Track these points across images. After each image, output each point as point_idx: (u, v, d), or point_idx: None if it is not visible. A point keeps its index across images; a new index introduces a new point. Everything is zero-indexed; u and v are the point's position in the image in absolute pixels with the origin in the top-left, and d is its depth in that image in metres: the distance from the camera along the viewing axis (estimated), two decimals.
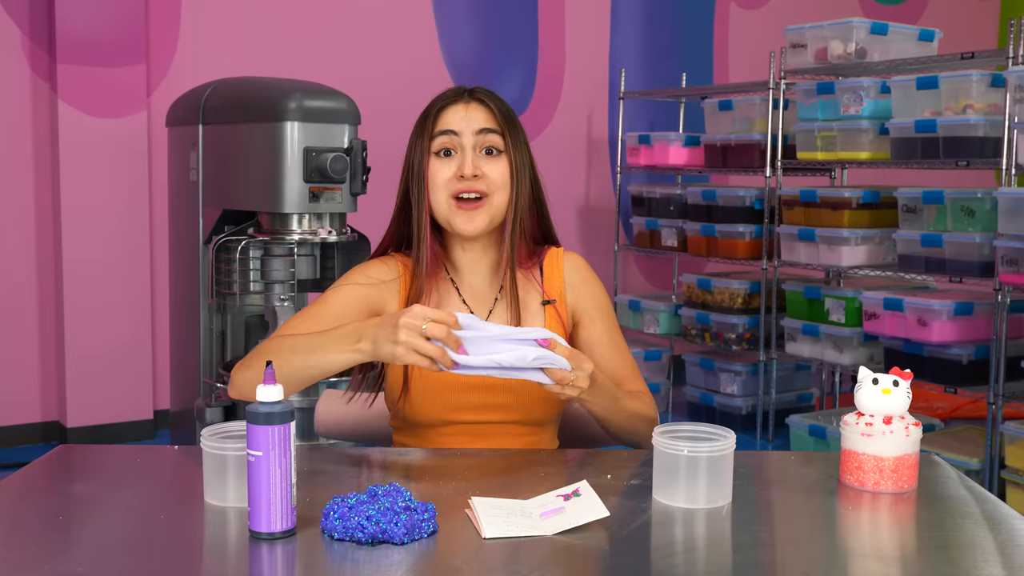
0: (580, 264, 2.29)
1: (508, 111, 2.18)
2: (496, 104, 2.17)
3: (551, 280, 2.24)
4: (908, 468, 1.83)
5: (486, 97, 2.18)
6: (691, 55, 7.22)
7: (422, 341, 1.78)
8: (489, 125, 2.14)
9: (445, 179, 2.13)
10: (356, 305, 2.14)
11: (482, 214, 2.13)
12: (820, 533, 1.69)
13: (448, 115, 2.15)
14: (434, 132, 2.14)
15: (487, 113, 2.15)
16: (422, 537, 1.56)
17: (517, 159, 2.15)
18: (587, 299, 2.26)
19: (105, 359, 5.40)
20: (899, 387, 1.83)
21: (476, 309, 2.21)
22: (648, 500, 1.76)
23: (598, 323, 2.25)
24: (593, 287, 2.27)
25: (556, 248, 2.29)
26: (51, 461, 1.97)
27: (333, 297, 2.14)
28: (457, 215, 2.13)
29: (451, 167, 2.13)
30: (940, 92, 4.76)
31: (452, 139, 2.13)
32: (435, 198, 2.14)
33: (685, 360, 6.25)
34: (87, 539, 1.59)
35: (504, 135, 2.15)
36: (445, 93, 2.20)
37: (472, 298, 2.22)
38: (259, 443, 1.55)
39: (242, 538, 1.58)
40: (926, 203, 4.82)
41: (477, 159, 2.13)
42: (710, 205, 5.95)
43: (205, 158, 4.12)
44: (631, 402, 2.13)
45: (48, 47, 5.28)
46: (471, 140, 2.13)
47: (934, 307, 4.69)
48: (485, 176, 2.12)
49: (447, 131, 2.13)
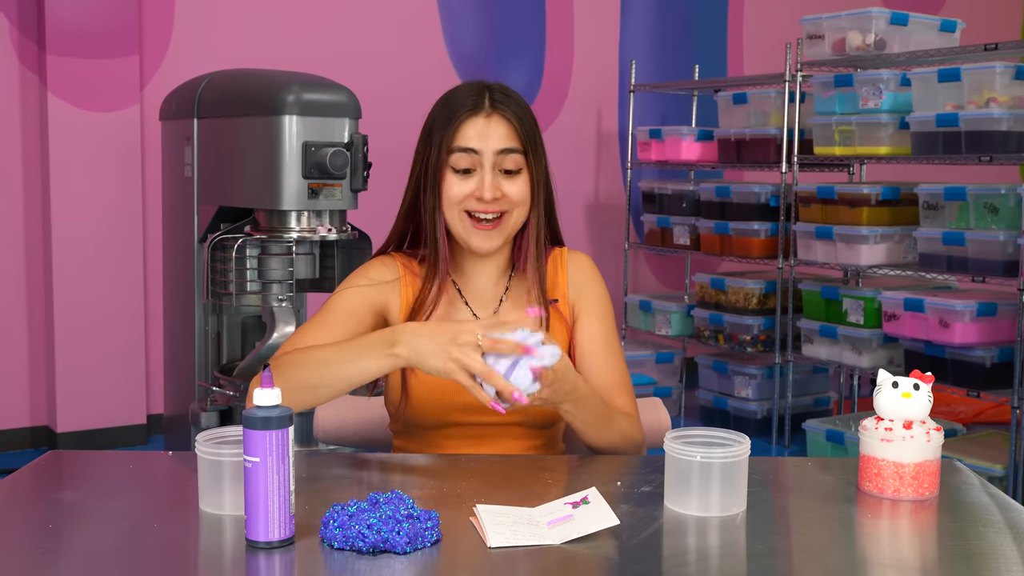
0: (585, 263, 2.30)
1: (530, 124, 2.17)
2: (518, 116, 2.15)
3: (555, 280, 2.26)
4: (929, 475, 1.83)
5: (508, 111, 2.14)
6: (704, 46, 7.22)
7: (473, 358, 1.83)
8: (511, 145, 2.13)
9: (461, 197, 2.13)
10: (363, 308, 2.16)
11: (499, 234, 2.15)
12: (838, 542, 1.69)
13: (468, 129, 2.12)
14: (452, 146, 2.12)
15: (509, 130, 2.13)
16: (425, 546, 1.56)
17: (537, 175, 2.16)
18: (588, 296, 2.27)
19: (97, 361, 5.40)
20: (920, 391, 1.82)
21: (480, 312, 2.23)
22: (659, 508, 1.76)
23: (595, 321, 2.26)
24: (595, 286, 2.28)
25: (560, 248, 2.31)
26: (40, 467, 1.97)
27: (338, 303, 2.16)
28: (474, 234, 2.15)
29: (469, 185, 2.13)
30: (962, 85, 4.76)
31: (472, 158, 2.12)
32: (449, 214, 2.15)
33: (698, 363, 6.25)
34: (77, 549, 1.59)
35: (526, 153, 2.14)
36: (464, 96, 2.16)
37: (476, 301, 2.24)
38: (256, 449, 1.55)
39: (238, 547, 1.58)
40: (948, 200, 4.81)
41: (496, 179, 2.12)
42: (724, 202, 5.94)
43: (200, 153, 4.12)
44: (619, 421, 2.13)
45: (37, 38, 5.28)
46: (491, 160, 2.12)
47: (956, 308, 4.69)
48: (504, 196, 2.13)
49: (467, 149, 2.12)
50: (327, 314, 2.14)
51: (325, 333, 2.09)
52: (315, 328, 2.11)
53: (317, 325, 2.12)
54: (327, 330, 2.10)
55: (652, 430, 2.43)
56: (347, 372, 1.93)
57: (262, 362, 3.79)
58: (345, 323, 2.12)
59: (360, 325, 2.14)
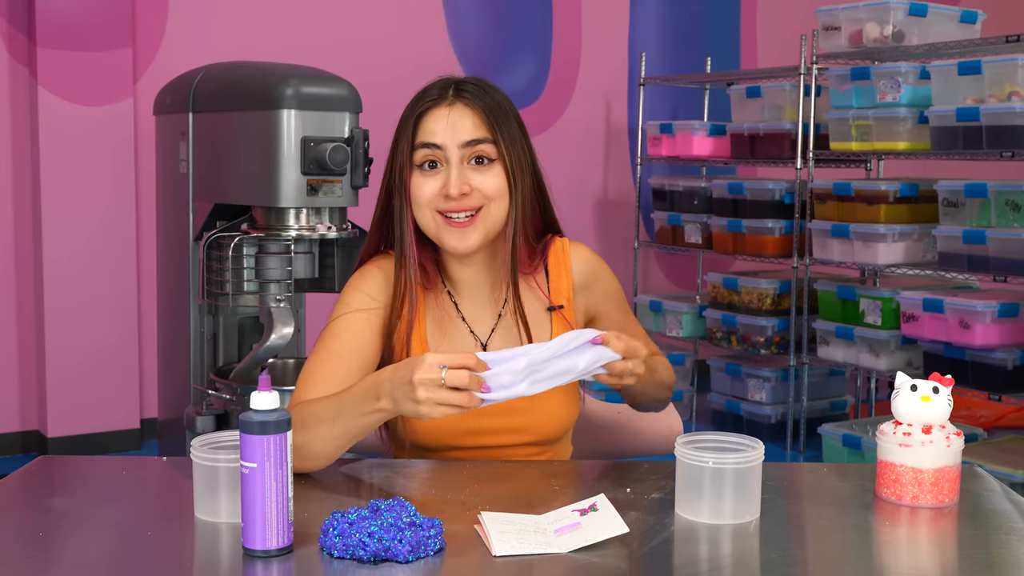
0: (588, 258, 2.25)
1: (498, 106, 2.09)
2: (483, 102, 2.07)
3: (558, 281, 2.21)
4: (949, 481, 1.83)
5: (471, 95, 2.07)
6: (716, 38, 7.22)
7: (444, 392, 1.73)
8: (476, 135, 2.05)
9: (429, 196, 2.06)
10: (370, 336, 2.10)
11: (475, 231, 2.07)
12: (855, 551, 1.69)
13: (430, 122, 2.06)
14: (415, 142, 2.06)
15: (473, 117, 2.06)
16: (428, 555, 1.56)
17: (513, 164, 2.07)
18: (600, 295, 2.25)
19: (88, 364, 5.41)
20: (939, 394, 1.82)
21: (477, 327, 2.17)
22: (670, 515, 1.76)
23: (614, 314, 2.26)
24: (604, 281, 2.26)
25: (560, 239, 2.25)
26: (30, 473, 1.97)
27: (341, 329, 2.09)
28: (447, 233, 2.07)
29: (436, 182, 2.06)
30: (983, 78, 4.75)
31: (435, 152, 2.05)
32: (420, 215, 2.08)
33: (710, 365, 6.25)
34: (68, 558, 1.59)
35: (495, 141, 2.06)
36: (428, 90, 2.10)
37: (472, 314, 2.18)
38: (253, 454, 1.55)
39: (235, 556, 1.58)
40: (968, 197, 4.81)
41: (465, 172, 2.05)
42: (737, 199, 5.94)
43: (195, 149, 4.13)
44: (661, 371, 2.15)
45: (27, 29, 5.29)
46: (457, 153, 2.05)
47: (977, 308, 4.68)
48: (475, 190, 2.05)
49: (429, 144, 2.05)
50: (331, 343, 2.07)
51: (332, 367, 2.04)
52: (322, 363, 2.05)
53: (323, 359, 2.05)
54: (334, 363, 2.04)
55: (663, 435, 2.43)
56: (339, 431, 1.88)
57: (259, 364, 3.80)
58: (353, 352, 2.06)
59: (370, 352, 2.09)
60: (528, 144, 2.13)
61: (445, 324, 2.16)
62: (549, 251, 2.23)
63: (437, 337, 2.15)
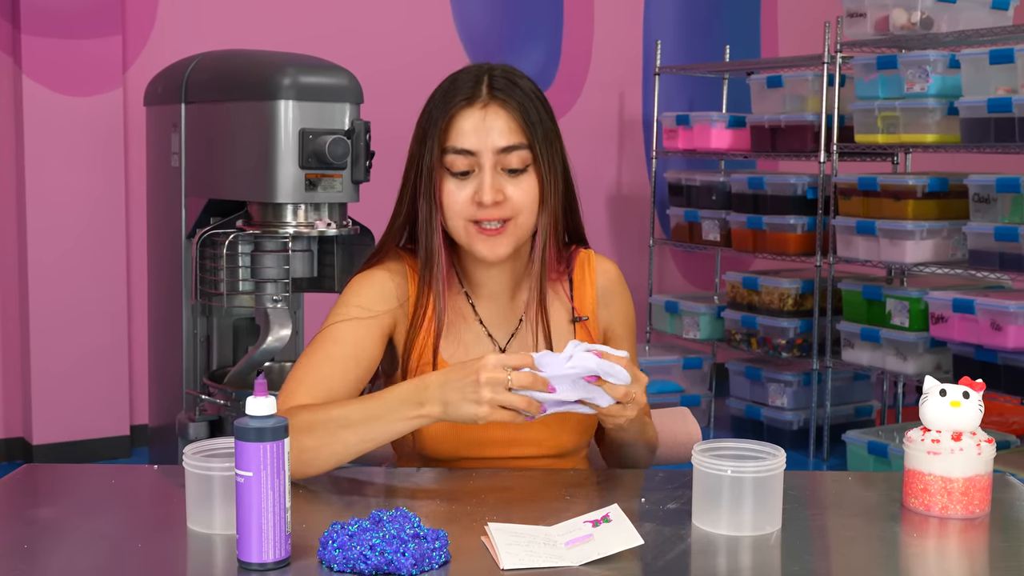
0: (613, 275, 2.26)
1: (538, 111, 2.07)
2: (521, 105, 2.05)
3: (582, 292, 2.22)
4: (980, 490, 1.82)
5: (509, 98, 2.05)
6: (735, 25, 7.21)
7: (509, 395, 1.77)
8: (513, 141, 2.03)
9: (462, 203, 2.05)
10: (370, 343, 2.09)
11: (506, 240, 2.06)
12: (881, 563, 1.69)
13: (463, 123, 2.04)
14: (446, 146, 2.04)
15: (509, 121, 2.04)
16: (432, 568, 1.56)
17: (547, 173, 2.07)
18: (619, 316, 2.26)
19: (76, 367, 5.41)
20: (970, 399, 1.82)
21: (496, 331, 2.18)
22: (687, 526, 1.76)
23: (625, 343, 2.26)
24: (625, 304, 2.28)
25: (586, 251, 2.26)
26: (14, 482, 1.98)
27: (343, 334, 2.08)
28: (478, 241, 2.06)
29: (468, 189, 2.04)
30: (1016, 67, 4.75)
31: (469, 159, 2.04)
32: (451, 224, 2.07)
33: (729, 369, 6.25)
34: (54, 571, 1.59)
35: (532, 147, 2.05)
36: (458, 83, 2.07)
37: (490, 318, 2.18)
38: (249, 462, 1.55)
39: (230, 569, 1.58)
40: (1000, 192, 4.80)
41: (498, 180, 2.04)
42: (757, 194, 5.94)
43: (188, 141, 4.13)
44: (650, 430, 2.17)
45: (11, 16, 5.29)
46: (491, 160, 2.03)
47: (1009, 309, 4.68)
48: (508, 199, 2.04)
49: (462, 150, 2.03)
50: (330, 346, 2.06)
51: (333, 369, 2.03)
52: (316, 367, 2.04)
53: (319, 363, 2.04)
54: (338, 366, 2.04)
55: (680, 442, 2.43)
56: (372, 435, 1.88)
57: (255, 368, 3.80)
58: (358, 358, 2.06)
59: (369, 360, 2.08)
60: (560, 144, 2.13)
61: (459, 326, 2.16)
62: (575, 262, 2.24)
63: (450, 339, 2.15)
